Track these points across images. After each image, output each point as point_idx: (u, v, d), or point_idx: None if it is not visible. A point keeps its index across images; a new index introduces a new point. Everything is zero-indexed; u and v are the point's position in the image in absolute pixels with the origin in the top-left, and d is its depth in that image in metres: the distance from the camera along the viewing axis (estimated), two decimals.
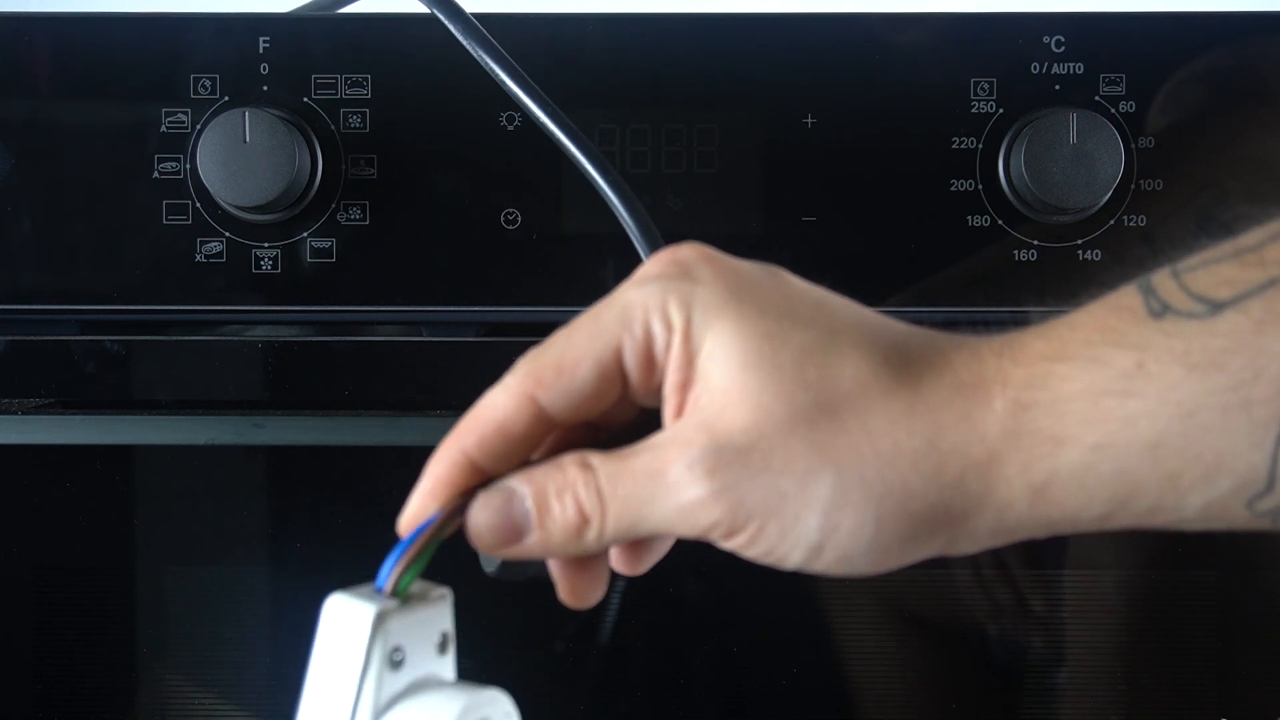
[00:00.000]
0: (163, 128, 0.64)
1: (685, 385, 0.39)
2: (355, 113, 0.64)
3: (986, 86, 0.64)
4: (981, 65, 0.64)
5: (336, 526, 0.65)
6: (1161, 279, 0.37)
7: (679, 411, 0.39)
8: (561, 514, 0.39)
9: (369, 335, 0.66)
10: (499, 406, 0.40)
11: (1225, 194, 0.60)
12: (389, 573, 0.39)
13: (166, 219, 0.65)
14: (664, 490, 0.38)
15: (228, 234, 0.65)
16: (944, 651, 0.66)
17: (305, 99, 0.64)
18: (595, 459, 0.39)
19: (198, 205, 0.64)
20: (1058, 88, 0.64)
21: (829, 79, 0.65)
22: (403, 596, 0.39)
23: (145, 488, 0.65)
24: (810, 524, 0.37)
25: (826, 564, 0.38)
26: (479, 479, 0.40)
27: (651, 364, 0.39)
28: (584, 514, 0.39)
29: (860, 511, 0.37)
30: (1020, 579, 0.65)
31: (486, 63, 0.60)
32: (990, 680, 0.67)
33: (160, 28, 0.65)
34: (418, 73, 0.65)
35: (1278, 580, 0.65)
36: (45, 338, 0.64)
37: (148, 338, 0.64)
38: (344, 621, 0.38)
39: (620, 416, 0.42)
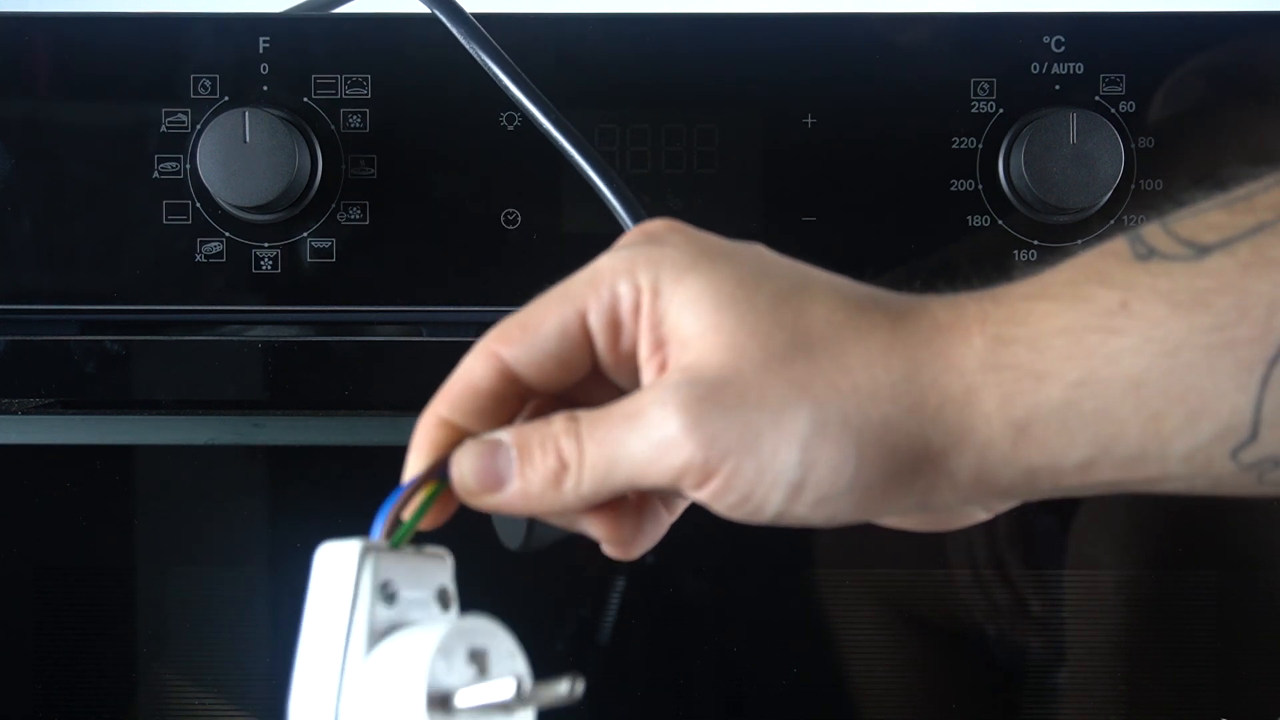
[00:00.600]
0: (163, 128, 0.64)
1: (660, 344, 0.39)
2: (355, 113, 0.64)
3: (986, 86, 0.64)
4: (981, 65, 0.64)
5: (336, 526, 0.65)
6: (1150, 228, 0.37)
7: (660, 372, 0.39)
8: (542, 461, 0.39)
9: (369, 335, 0.66)
10: (466, 365, 0.40)
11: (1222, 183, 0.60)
12: (379, 524, 0.39)
13: (166, 219, 0.65)
14: (638, 429, 0.37)
15: (228, 234, 0.65)
16: (944, 652, 0.66)
17: (305, 99, 0.64)
18: (582, 412, 0.39)
19: (198, 205, 0.64)
20: (1058, 88, 0.64)
21: (829, 79, 0.65)
22: (396, 546, 0.39)
23: (145, 488, 0.65)
24: (788, 459, 0.36)
25: (807, 506, 0.37)
26: (459, 437, 0.41)
27: (617, 327, 0.39)
28: (563, 460, 0.39)
29: (839, 446, 0.36)
30: (1020, 579, 0.65)
31: (480, 55, 0.60)
32: (990, 680, 0.67)
33: (160, 28, 0.65)
34: (418, 73, 0.65)
35: (1278, 580, 0.65)
36: (45, 338, 0.64)
37: (148, 338, 0.64)
38: (333, 561, 0.39)
39: (601, 396, 0.42)
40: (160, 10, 0.66)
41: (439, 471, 0.40)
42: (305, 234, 0.65)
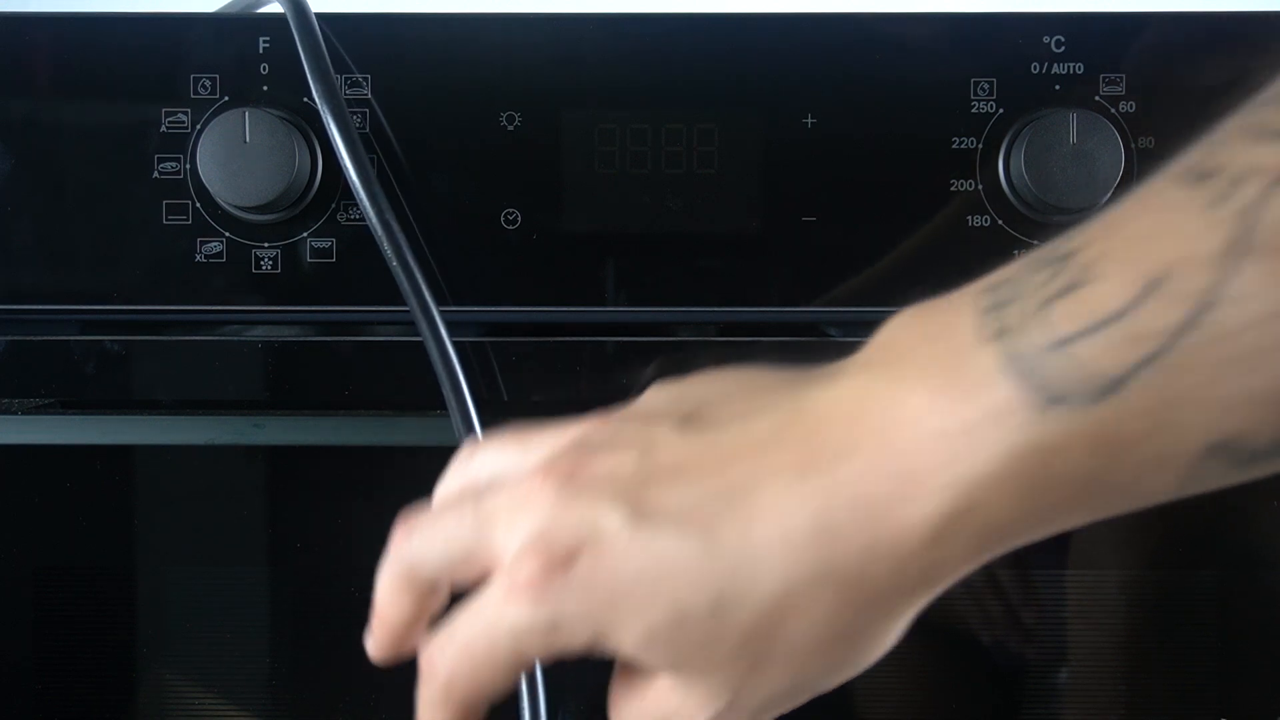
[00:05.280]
0: (163, 128, 0.64)
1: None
2: (355, 113, 0.64)
3: (986, 86, 0.64)
4: (981, 65, 0.64)
5: (336, 526, 0.65)
6: (1041, 357, 0.36)
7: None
8: None
9: (369, 335, 0.66)
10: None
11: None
12: None
13: (166, 219, 0.65)
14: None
15: (228, 234, 0.65)
16: (944, 652, 0.66)
17: (305, 99, 0.64)
18: None
19: (198, 205, 0.64)
20: (1058, 88, 0.64)
21: (829, 79, 0.65)
22: None
23: (145, 488, 0.65)
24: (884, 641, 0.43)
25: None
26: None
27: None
28: None
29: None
30: (1020, 580, 0.65)
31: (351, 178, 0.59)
32: (990, 681, 0.67)
33: (160, 28, 0.65)
34: (418, 73, 0.65)
35: (1278, 580, 0.65)
36: (45, 338, 0.64)
37: (148, 338, 0.64)
38: None
39: None
40: (160, 10, 0.66)
41: None
42: (305, 234, 0.65)
